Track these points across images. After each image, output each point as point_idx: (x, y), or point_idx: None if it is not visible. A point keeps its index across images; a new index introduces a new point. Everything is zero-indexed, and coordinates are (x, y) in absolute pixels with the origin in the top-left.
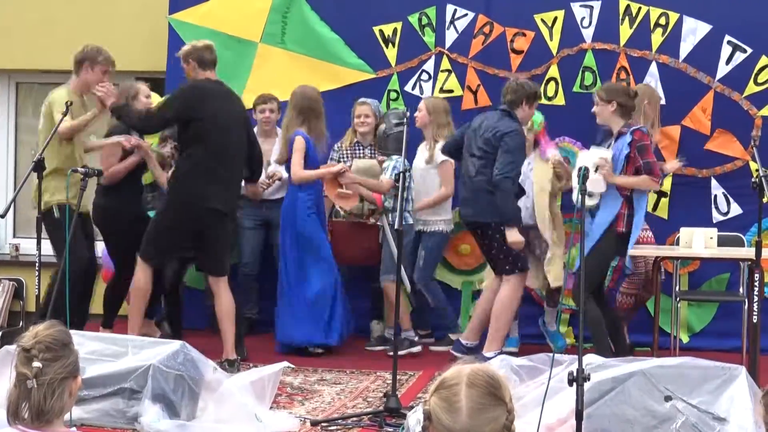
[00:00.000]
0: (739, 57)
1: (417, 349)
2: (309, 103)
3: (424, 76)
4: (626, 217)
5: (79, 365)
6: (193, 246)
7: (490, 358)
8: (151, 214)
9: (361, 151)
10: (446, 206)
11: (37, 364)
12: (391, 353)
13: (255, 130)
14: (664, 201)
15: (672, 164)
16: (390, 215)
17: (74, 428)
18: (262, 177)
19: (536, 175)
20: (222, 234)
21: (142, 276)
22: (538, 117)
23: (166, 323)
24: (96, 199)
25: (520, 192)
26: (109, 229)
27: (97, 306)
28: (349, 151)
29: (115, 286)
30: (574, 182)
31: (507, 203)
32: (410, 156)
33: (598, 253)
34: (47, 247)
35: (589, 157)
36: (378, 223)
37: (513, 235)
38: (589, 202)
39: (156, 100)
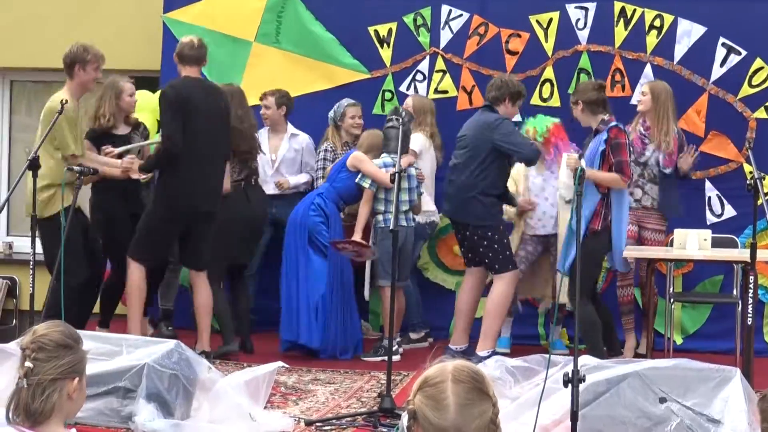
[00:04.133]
0: (734, 59)
1: (396, 358)
2: (373, 142)
3: (419, 77)
4: (602, 215)
5: (82, 367)
6: (178, 241)
7: (484, 357)
8: None
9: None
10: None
11: (28, 363)
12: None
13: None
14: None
15: (686, 161)
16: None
17: (74, 430)
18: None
19: (562, 187)
20: (207, 231)
21: (135, 276)
22: (541, 125)
23: (164, 324)
24: (92, 197)
25: (509, 200)
26: (105, 227)
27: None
28: (341, 153)
29: (111, 286)
30: (564, 183)
31: (536, 154)
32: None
33: (587, 256)
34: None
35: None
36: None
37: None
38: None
39: (142, 97)
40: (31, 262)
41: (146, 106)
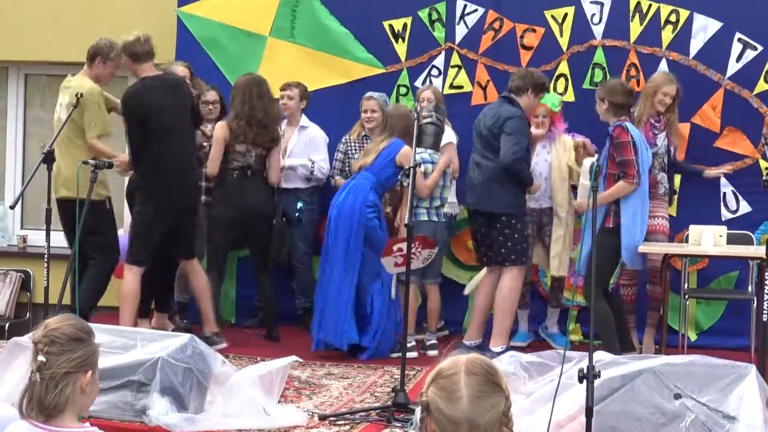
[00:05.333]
0: (750, 54)
1: (413, 354)
2: (407, 122)
3: (434, 72)
4: (613, 213)
5: (95, 360)
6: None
7: (498, 353)
8: None
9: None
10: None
11: (41, 357)
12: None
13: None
14: (674, 198)
15: (713, 171)
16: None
17: (87, 424)
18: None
19: (554, 157)
20: (192, 222)
21: (131, 282)
22: (555, 98)
23: (178, 317)
24: (127, 192)
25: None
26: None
27: (112, 299)
28: (357, 144)
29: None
30: (584, 178)
31: (525, 173)
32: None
33: (599, 251)
34: (56, 239)
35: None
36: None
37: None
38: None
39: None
40: (46, 256)
41: None
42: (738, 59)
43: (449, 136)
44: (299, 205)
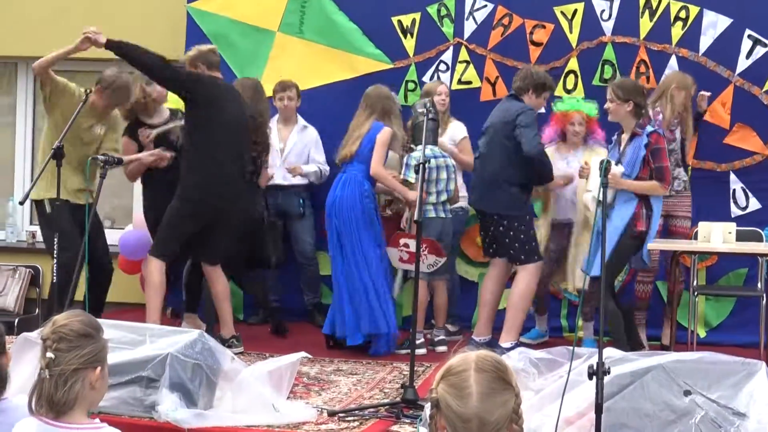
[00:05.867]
0: (760, 51)
1: (422, 351)
2: (387, 103)
3: (442, 67)
4: (645, 217)
5: (103, 356)
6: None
7: (507, 349)
8: None
9: None
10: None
11: (50, 354)
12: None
13: (275, 117)
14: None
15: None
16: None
17: (97, 420)
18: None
19: (591, 184)
20: (226, 230)
21: (156, 273)
22: (590, 110)
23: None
24: (144, 194)
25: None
26: (153, 215)
27: (120, 295)
28: None
29: (192, 271)
30: (595, 175)
31: (547, 168)
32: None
33: (617, 255)
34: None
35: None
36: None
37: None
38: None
39: None
40: (55, 252)
41: (172, 96)
42: (748, 56)
43: (462, 130)
44: (300, 200)
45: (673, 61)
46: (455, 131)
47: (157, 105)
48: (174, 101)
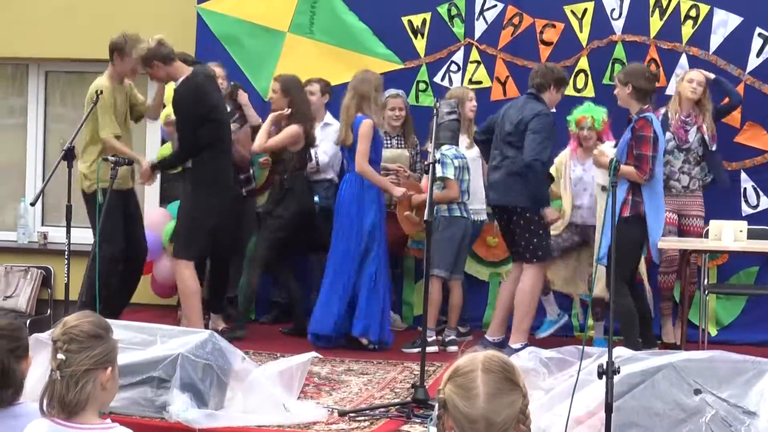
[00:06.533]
0: None
1: (453, 348)
2: (363, 88)
3: (453, 67)
4: (631, 203)
5: (114, 356)
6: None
7: (517, 350)
8: None
9: (389, 142)
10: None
11: (60, 356)
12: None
13: None
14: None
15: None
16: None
17: (108, 420)
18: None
19: (598, 173)
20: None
21: (190, 278)
22: (599, 114)
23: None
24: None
25: (550, 178)
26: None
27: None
28: None
29: (215, 271)
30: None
31: (540, 184)
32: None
33: (618, 243)
34: (76, 235)
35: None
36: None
37: (549, 214)
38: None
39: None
40: (66, 253)
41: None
42: (758, 54)
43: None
44: (315, 198)
45: (683, 60)
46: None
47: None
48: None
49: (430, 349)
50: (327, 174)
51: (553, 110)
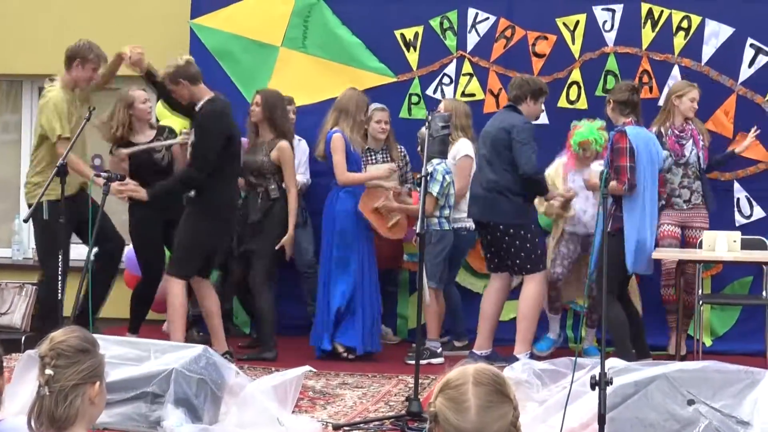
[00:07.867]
0: (762, 60)
1: (439, 360)
2: (343, 103)
3: (446, 80)
4: (613, 218)
5: (102, 370)
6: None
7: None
8: None
9: (373, 157)
10: (463, 205)
11: (48, 371)
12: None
13: None
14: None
15: (741, 146)
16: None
17: None
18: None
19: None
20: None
21: (181, 296)
22: (601, 137)
23: (194, 330)
24: (129, 206)
25: (540, 192)
26: (138, 233)
27: (122, 310)
28: (361, 157)
29: (142, 291)
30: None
31: (542, 186)
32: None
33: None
34: (73, 252)
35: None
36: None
37: (564, 193)
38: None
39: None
40: (61, 269)
41: (164, 113)
42: (750, 65)
43: (465, 148)
44: (300, 209)
45: (675, 71)
46: (459, 148)
47: (141, 123)
48: (166, 115)
49: (435, 360)
50: None
51: (547, 122)
